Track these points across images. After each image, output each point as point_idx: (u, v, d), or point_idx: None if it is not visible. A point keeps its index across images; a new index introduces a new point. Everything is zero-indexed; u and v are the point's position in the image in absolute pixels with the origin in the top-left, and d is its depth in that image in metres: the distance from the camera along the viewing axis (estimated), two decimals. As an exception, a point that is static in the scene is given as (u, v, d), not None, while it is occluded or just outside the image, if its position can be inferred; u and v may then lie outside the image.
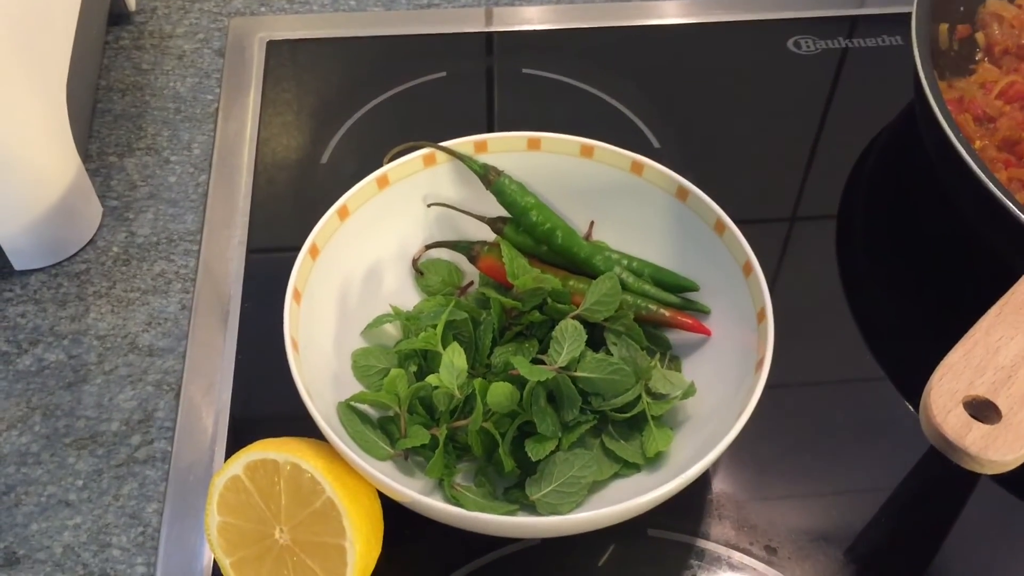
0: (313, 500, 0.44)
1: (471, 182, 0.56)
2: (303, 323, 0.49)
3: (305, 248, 0.50)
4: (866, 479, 0.53)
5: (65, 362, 0.56)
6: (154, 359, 0.56)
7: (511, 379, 0.49)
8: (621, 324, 0.52)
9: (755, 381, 0.47)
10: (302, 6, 0.76)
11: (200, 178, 0.65)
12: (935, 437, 0.39)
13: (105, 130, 0.68)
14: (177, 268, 0.61)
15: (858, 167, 0.69)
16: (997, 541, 0.52)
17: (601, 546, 0.51)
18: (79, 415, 0.54)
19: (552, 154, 0.55)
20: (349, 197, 0.53)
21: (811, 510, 0.52)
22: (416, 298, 0.56)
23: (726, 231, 0.52)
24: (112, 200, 0.64)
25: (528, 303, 0.52)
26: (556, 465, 0.48)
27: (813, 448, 0.54)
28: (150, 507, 0.51)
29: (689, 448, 0.49)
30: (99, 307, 0.59)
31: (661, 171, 0.54)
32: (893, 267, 0.63)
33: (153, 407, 0.55)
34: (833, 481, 0.53)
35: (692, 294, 0.54)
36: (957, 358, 0.41)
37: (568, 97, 0.71)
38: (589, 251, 0.54)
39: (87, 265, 0.61)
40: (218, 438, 0.53)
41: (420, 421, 0.50)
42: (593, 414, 0.50)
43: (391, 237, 0.55)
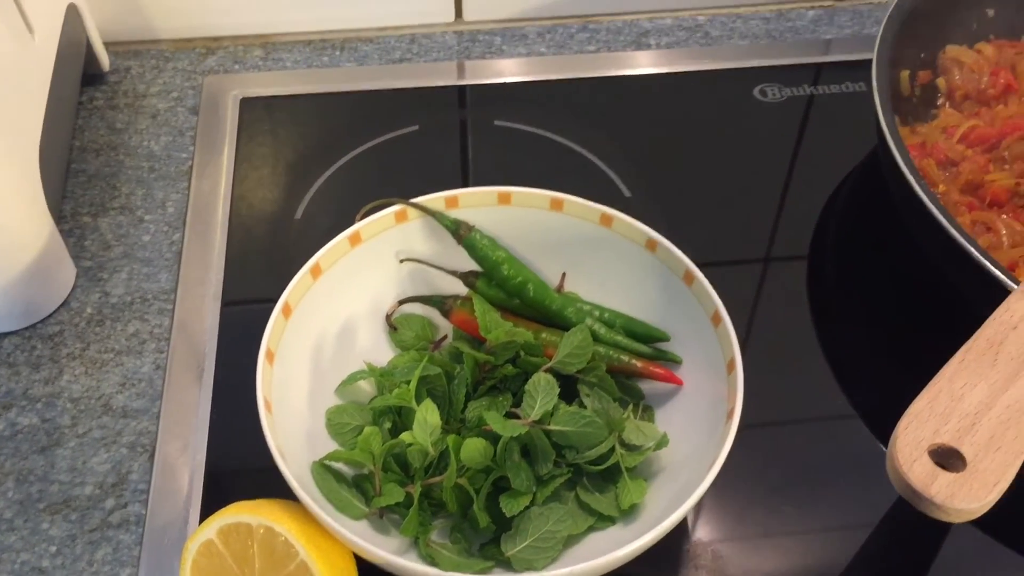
0: (287, 563, 0.44)
1: (443, 237, 0.56)
2: (276, 383, 0.49)
3: (278, 308, 0.51)
4: (842, 520, 0.54)
5: (39, 426, 0.56)
6: (128, 420, 0.56)
7: (485, 434, 0.49)
8: (594, 376, 0.53)
9: (726, 431, 0.47)
10: (275, 63, 0.77)
11: (174, 236, 0.66)
12: (901, 486, 0.40)
13: (79, 190, 0.68)
14: (151, 328, 0.61)
15: (828, 208, 0.69)
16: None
17: (579, 600, 0.50)
18: (53, 479, 0.54)
19: (523, 208, 0.56)
20: (321, 255, 0.53)
21: (788, 556, 0.52)
22: (390, 353, 0.56)
23: (695, 281, 0.52)
24: (86, 260, 0.64)
25: (501, 357, 0.53)
26: (531, 520, 0.48)
27: (788, 490, 0.55)
28: (124, 572, 0.50)
29: (664, 498, 0.49)
30: (73, 369, 0.59)
31: (630, 223, 0.54)
32: (863, 306, 0.64)
33: (127, 469, 0.54)
34: (809, 524, 0.54)
35: (663, 344, 0.55)
36: (922, 406, 0.42)
37: (540, 148, 0.72)
38: (561, 303, 0.55)
39: (61, 327, 0.61)
40: (193, 499, 0.53)
41: (395, 478, 0.50)
42: (567, 467, 0.50)
43: (364, 293, 0.56)
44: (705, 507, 0.54)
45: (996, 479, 0.39)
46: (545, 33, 0.80)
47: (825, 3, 0.83)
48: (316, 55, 0.78)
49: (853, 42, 0.80)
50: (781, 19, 0.81)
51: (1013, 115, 0.66)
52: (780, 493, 0.55)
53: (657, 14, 0.81)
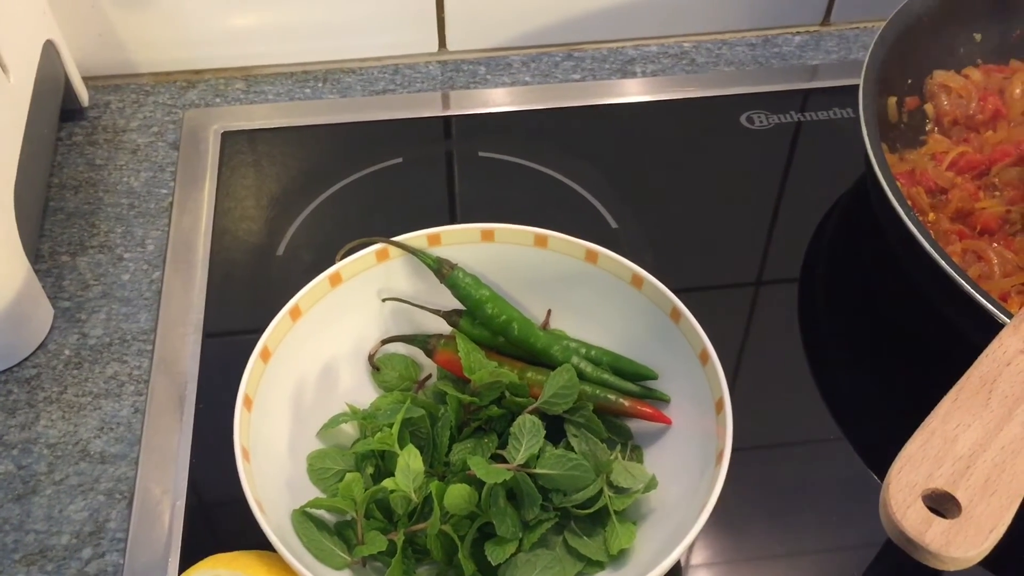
0: (266, 619, 0.42)
1: (426, 275, 0.55)
2: (255, 429, 0.48)
3: (256, 353, 0.50)
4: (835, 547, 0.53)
5: (14, 473, 0.55)
6: (106, 466, 0.55)
7: (469, 479, 0.48)
8: (581, 416, 0.52)
9: (716, 474, 0.46)
10: (257, 96, 0.76)
11: (154, 275, 0.65)
12: (895, 534, 0.39)
13: (57, 229, 0.67)
14: (130, 369, 0.60)
15: (817, 235, 0.69)
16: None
17: (568, 647, 0.49)
18: (28, 528, 0.53)
19: (506, 244, 0.55)
20: (301, 297, 0.52)
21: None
22: (373, 394, 0.55)
23: (682, 319, 0.51)
24: (64, 301, 0.63)
25: (486, 397, 0.52)
26: (517, 568, 0.47)
27: (780, 517, 0.54)
28: (101, 625, 0.49)
29: (654, 541, 0.48)
30: (49, 413, 0.57)
31: (616, 259, 0.53)
32: (853, 330, 0.64)
33: (105, 517, 0.53)
34: (803, 550, 0.53)
35: (651, 382, 0.54)
36: (915, 449, 0.41)
37: (525, 179, 0.71)
38: (546, 341, 0.54)
39: (38, 370, 0.59)
40: (172, 547, 0.52)
41: (378, 526, 0.48)
42: (555, 511, 0.49)
43: (346, 334, 0.55)
44: (697, 546, 0.52)
45: (992, 524, 0.38)
46: (530, 62, 0.79)
47: (811, 28, 0.82)
48: (298, 87, 0.77)
49: (840, 67, 0.79)
50: (767, 45, 0.81)
51: (1002, 141, 0.66)
52: (771, 517, 0.54)
53: (642, 41, 0.81)
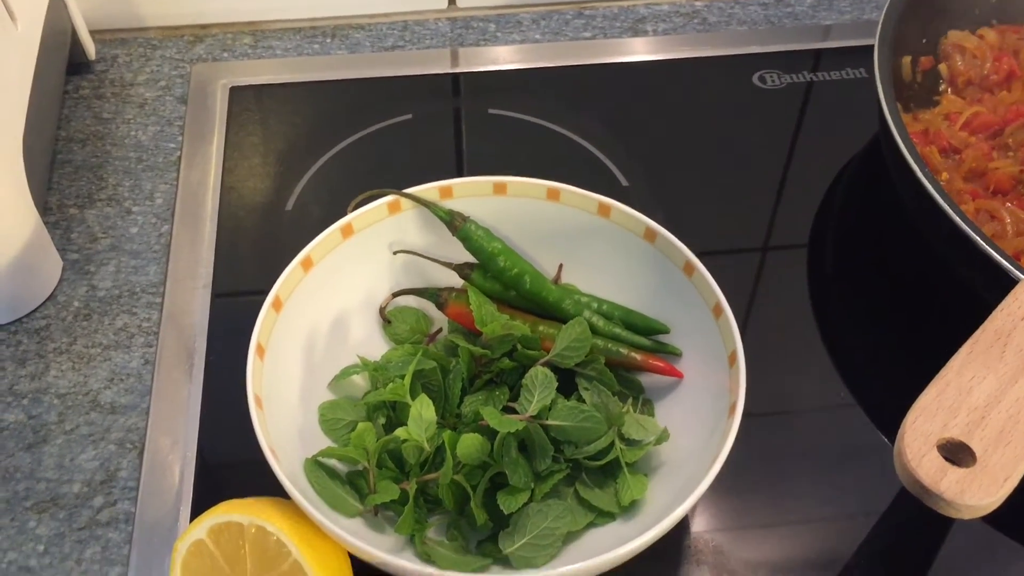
0: (280, 563, 0.43)
1: (437, 228, 0.55)
2: (267, 378, 0.48)
3: (268, 302, 0.49)
4: (844, 512, 0.53)
5: (25, 422, 0.55)
6: (116, 417, 0.55)
7: (481, 430, 0.48)
8: (592, 369, 0.52)
9: (728, 426, 0.46)
10: (265, 51, 0.76)
11: (163, 228, 0.64)
12: (910, 482, 0.39)
13: (65, 181, 0.67)
14: (140, 321, 0.59)
15: (828, 197, 0.68)
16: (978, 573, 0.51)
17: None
18: (39, 477, 0.53)
19: (519, 198, 0.55)
20: (312, 248, 0.52)
21: (790, 551, 0.51)
22: (384, 347, 0.55)
23: (695, 272, 0.51)
24: (72, 253, 0.63)
25: (497, 350, 0.51)
26: (529, 517, 0.47)
27: (789, 482, 0.54)
28: (113, 571, 0.49)
29: (665, 494, 0.48)
30: (59, 364, 0.57)
31: (628, 213, 0.53)
32: (863, 294, 0.63)
33: (116, 467, 0.53)
34: (811, 517, 0.53)
35: (663, 336, 0.54)
36: (929, 400, 0.41)
37: (535, 137, 0.70)
38: (558, 295, 0.54)
39: (47, 321, 0.59)
40: (183, 496, 0.52)
41: (390, 475, 0.49)
42: (566, 462, 0.49)
43: (357, 286, 0.54)
44: (705, 499, 0.52)
45: (1007, 474, 0.39)
46: (540, 20, 0.79)
47: (824, -12, 0.81)
48: (307, 42, 0.76)
49: (853, 28, 0.79)
50: (780, 4, 0.80)
51: (1016, 101, 0.65)
52: (780, 483, 0.54)
53: (653, 0, 0.80)
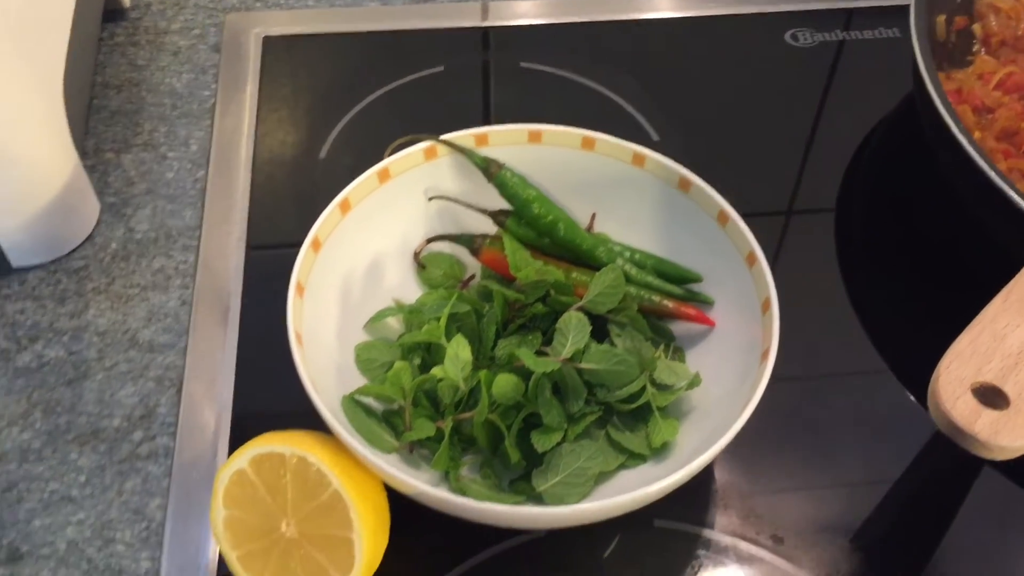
0: (320, 493, 0.44)
1: (472, 175, 0.55)
2: (306, 317, 0.49)
3: (307, 242, 0.50)
4: (870, 469, 0.53)
5: (65, 358, 0.56)
6: (155, 355, 0.56)
7: (516, 371, 0.49)
8: (625, 316, 0.52)
9: (761, 371, 0.47)
10: (298, 1, 0.76)
11: (198, 174, 0.65)
12: (944, 424, 0.39)
13: (101, 127, 0.67)
14: (176, 264, 0.60)
15: (856, 160, 0.69)
16: (1000, 529, 0.52)
17: (607, 537, 0.50)
18: (80, 411, 0.54)
19: (553, 147, 0.55)
20: (350, 191, 0.52)
21: (816, 500, 0.52)
22: (418, 292, 0.56)
23: (729, 222, 0.52)
24: (110, 196, 0.63)
25: (531, 295, 0.52)
26: (562, 456, 0.48)
27: (817, 440, 0.54)
28: (153, 502, 0.51)
29: (694, 439, 0.49)
30: (98, 303, 0.58)
31: (663, 162, 0.54)
32: (893, 258, 0.63)
33: (155, 403, 0.54)
34: (838, 472, 0.53)
35: (695, 285, 0.54)
36: (964, 345, 0.41)
37: (566, 91, 0.71)
38: (592, 243, 0.54)
39: (85, 261, 0.60)
40: (221, 433, 0.53)
41: (425, 414, 0.49)
42: (598, 405, 0.50)
43: (392, 231, 0.55)
44: (733, 451, 0.52)
45: (1039, 418, 0.39)
46: (572, -26, 0.78)
47: (858, -53, 0.81)
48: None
49: (886, -14, 0.78)
50: (813, -37, 0.80)
51: (1050, 62, 0.65)
52: (808, 442, 0.54)
53: (686, -43, 0.80)
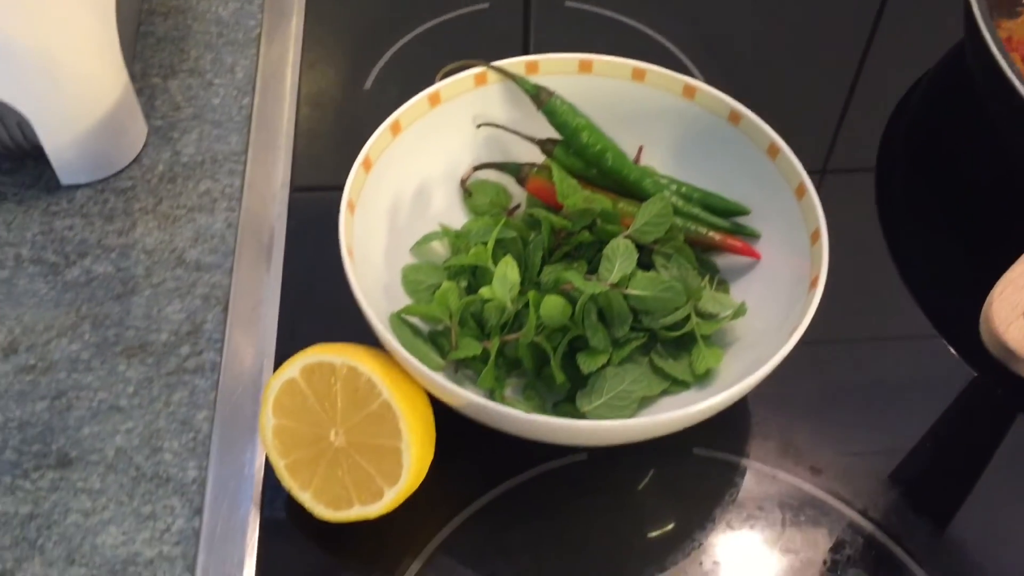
0: (370, 402, 0.44)
1: (521, 104, 0.56)
2: (356, 234, 0.49)
3: (359, 161, 0.50)
4: (909, 412, 0.53)
5: (113, 274, 0.56)
6: (201, 274, 0.57)
7: (562, 295, 0.49)
8: (671, 246, 0.52)
9: (809, 299, 0.47)
10: (344, -65, 0.76)
11: (244, 101, 0.65)
12: (997, 347, 0.40)
13: (148, 52, 0.68)
14: (223, 187, 0.61)
15: (896, 116, 0.68)
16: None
17: (646, 464, 0.51)
18: (128, 325, 0.54)
19: (603, 77, 0.55)
20: (401, 113, 0.53)
21: (855, 436, 0.52)
22: (463, 218, 0.56)
23: (780, 154, 0.52)
24: (157, 120, 0.64)
25: (578, 223, 0.52)
26: (607, 379, 0.48)
27: (857, 389, 0.54)
28: (200, 414, 0.51)
29: (737, 369, 0.49)
30: (146, 222, 0.59)
31: (714, 94, 0.54)
32: (938, 216, 0.62)
33: (201, 319, 0.55)
34: (878, 413, 0.53)
35: (741, 218, 0.54)
36: (1017, 274, 0.41)
37: (611, 31, 0.71)
38: (639, 174, 0.54)
39: (133, 182, 0.61)
40: (266, 350, 0.54)
41: (471, 334, 0.50)
42: (643, 332, 0.50)
43: (440, 156, 0.55)
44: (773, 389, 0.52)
45: (1091, 345, 0.39)
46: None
47: None
48: (386, -72, 0.76)
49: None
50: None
51: (1103, 12, 0.65)
52: (849, 390, 0.54)
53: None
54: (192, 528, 0.48)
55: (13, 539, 0.47)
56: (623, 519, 0.49)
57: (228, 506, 0.48)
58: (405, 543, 0.47)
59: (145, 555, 0.47)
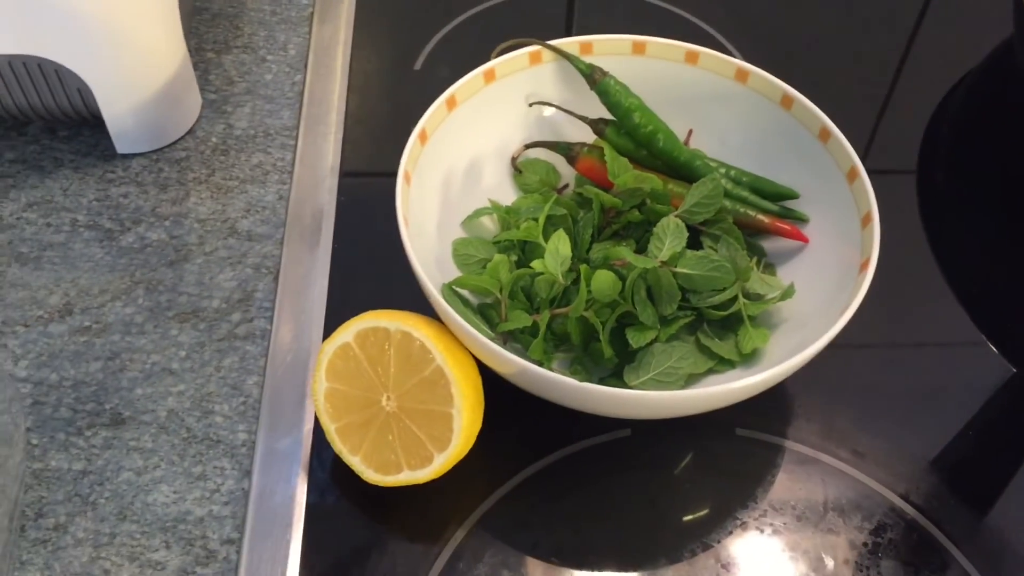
0: (423, 368, 0.45)
1: (573, 84, 0.56)
2: (411, 205, 0.50)
3: (415, 133, 0.51)
4: (952, 401, 0.54)
5: (167, 241, 0.57)
6: (253, 244, 0.58)
7: (612, 271, 0.49)
8: (720, 228, 0.53)
9: (860, 282, 0.47)
10: (396, -82, 0.76)
11: (295, 77, 0.66)
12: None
13: (203, 27, 0.69)
14: (274, 160, 0.62)
15: (937, 115, 0.68)
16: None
17: (689, 442, 0.51)
18: (181, 291, 0.55)
19: (656, 59, 0.56)
20: (457, 88, 0.53)
21: (899, 422, 0.53)
22: (513, 195, 0.57)
23: (831, 138, 0.52)
24: (211, 94, 0.65)
25: (628, 202, 0.53)
26: (654, 355, 0.48)
27: (899, 380, 0.54)
28: (250, 380, 0.52)
29: (783, 350, 0.50)
30: (199, 192, 0.60)
31: (766, 79, 0.54)
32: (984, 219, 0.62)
33: (252, 288, 0.56)
34: (920, 403, 0.54)
35: (790, 203, 0.55)
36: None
37: (654, 17, 0.71)
38: (689, 156, 0.55)
39: (187, 153, 0.62)
40: (315, 321, 0.54)
41: (520, 307, 0.50)
42: (690, 311, 0.51)
43: (492, 133, 0.56)
44: (818, 379, 0.52)
45: None
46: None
47: None
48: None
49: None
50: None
51: None
52: (891, 380, 0.54)
53: None
54: (241, 489, 0.48)
55: (66, 494, 0.48)
56: (665, 496, 0.50)
57: (277, 469, 0.49)
58: (450, 512, 0.48)
59: (195, 514, 0.48)
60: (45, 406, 0.50)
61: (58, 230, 0.57)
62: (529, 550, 0.47)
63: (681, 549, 0.48)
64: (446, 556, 0.46)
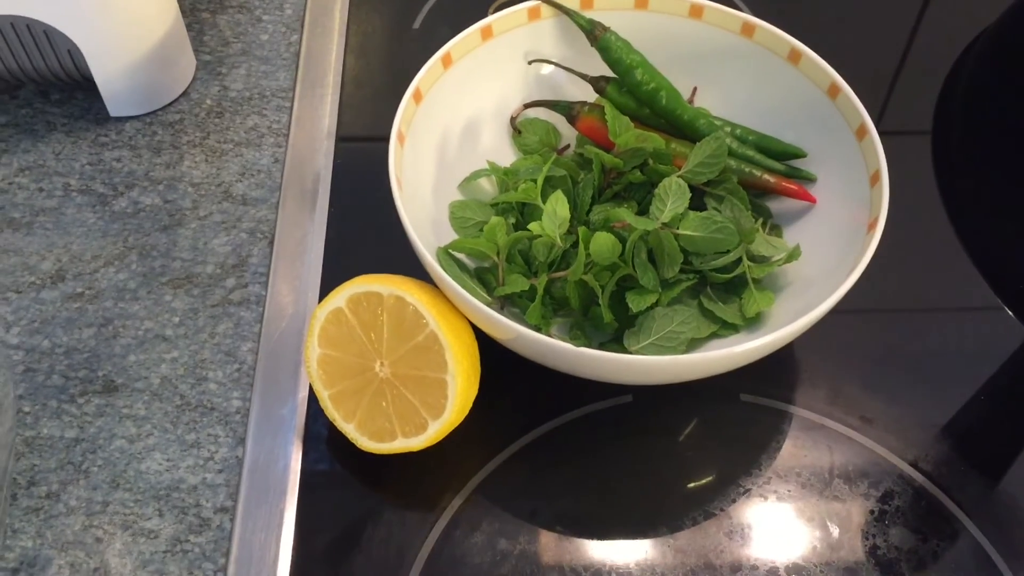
0: (416, 334, 0.44)
1: (574, 41, 0.54)
2: (405, 167, 0.49)
3: (409, 92, 0.50)
4: (963, 367, 0.52)
5: (160, 206, 0.56)
6: (248, 208, 0.56)
7: (612, 233, 0.48)
8: (724, 188, 0.51)
9: (867, 242, 0.45)
10: None
11: (292, 38, 0.65)
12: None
13: (197, -13, 0.67)
14: (270, 123, 0.60)
15: (952, 75, 0.65)
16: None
17: (692, 408, 0.50)
18: (175, 256, 0.54)
19: (659, 14, 0.54)
20: (453, 45, 0.52)
21: (909, 387, 0.51)
22: (512, 156, 0.55)
23: (840, 94, 0.50)
24: (205, 55, 0.63)
25: (629, 163, 0.51)
26: (655, 320, 0.47)
27: (910, 345, 0.53)
28: (245, 346, 0.51)
29: (788, 314, 0.48)
30: (193, 156, 0.59)
31: (774, 33, 0.52)
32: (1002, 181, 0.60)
33: (247, 253, 0.55)
34: (930, 368, 0.52)
35: (797, 162, 0.53)
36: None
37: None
38: (693, 114, 0.53)
39: (181, 115, 0.60)
40: (310, 286, 0.53)
41: (518, 271, 0.49)
42: (693, 274, 0.49)
43: (490, 92, 0.54)
44: (825, 344, 0.51)
45: None
46: None
47: None
48: None
49: None
50: None
51: None
52: (903, 345, 0.53)
53: None
54: (236, 457, 0.48)
55: (59, 462, 0.47)
56: (667, 463, 0.49)
57: (271, 437, 0.48)
58: (447, 479, 0.47)
59: (189, 481, 0.47)
60: (37, 373, 0.50)
61: (50, 195, 0.56)
62: (528, 518, 0.46)
63: (684, 517, 0.47)
64: (443, 524, 0.46)
